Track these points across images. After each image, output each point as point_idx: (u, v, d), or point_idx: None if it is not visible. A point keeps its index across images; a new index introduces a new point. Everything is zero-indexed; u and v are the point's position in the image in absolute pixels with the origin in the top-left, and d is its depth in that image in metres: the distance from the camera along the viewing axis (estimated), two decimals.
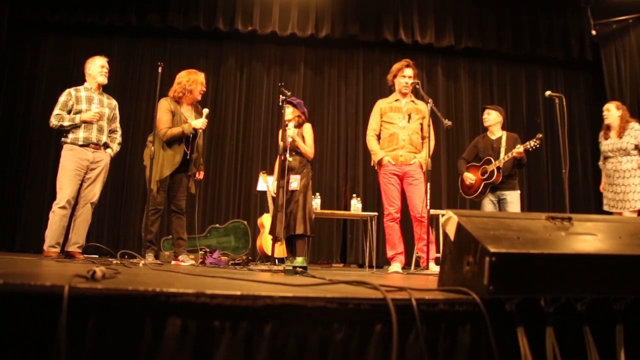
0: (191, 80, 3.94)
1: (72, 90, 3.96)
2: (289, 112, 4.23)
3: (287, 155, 4.04)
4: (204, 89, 4.07)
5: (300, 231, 3.98)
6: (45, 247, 3.74)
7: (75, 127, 3.85)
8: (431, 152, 3.90)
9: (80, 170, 3.84)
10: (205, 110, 3.99)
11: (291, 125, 4.14)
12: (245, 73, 6.71)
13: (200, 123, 3.87)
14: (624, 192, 4.30)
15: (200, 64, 6.57)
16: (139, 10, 6.24)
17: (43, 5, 6.14)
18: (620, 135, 4.36)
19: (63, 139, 3.91)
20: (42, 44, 6.44)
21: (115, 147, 4.11)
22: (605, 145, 4.46)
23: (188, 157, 3.91)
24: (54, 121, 3.87)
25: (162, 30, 6.39)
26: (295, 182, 4.04)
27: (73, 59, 6.42)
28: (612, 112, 4.45)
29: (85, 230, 3.89)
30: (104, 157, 3.97)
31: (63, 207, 3.75)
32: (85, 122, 3.86)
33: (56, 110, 3.88)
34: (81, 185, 3.88)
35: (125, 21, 6.24)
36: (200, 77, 4.02)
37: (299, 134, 4.21)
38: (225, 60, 6.71)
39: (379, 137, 4.07)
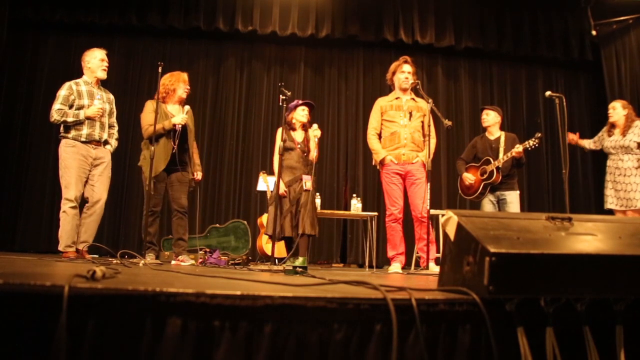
0: (173, 80, 4.06)
1: (72, 83, 3.85)
2: (305, 113, 4.31)
3: (313, 153, 4.15)
4: (188, 87, 4.14)
5: (311, 232, 4.02)
6: (61, 248, 3.66)
7: (79, 123, 3.76)
8: (433, 150, 3.90)
9: (84, 168, 3.76)
10: (186, 107, 4.05)
11: (315, 126, 4.20)
12: (245, 73, 6.71)
13: (179, 119, 3.92)
14: (625, 191, 4.30)
15: (200, 64, 6.59)
16: (139, 10, 6.23)
17: (43, 5, 6.14)
18: (624, 133, 4.35)
19: (63, 134, 3.77)
20: (42, 43, 6.44)
21: (114, 142, 4.04)
22: (608, 141, 4.45)
23: (173, 150, 3.91)
24: (55, 116, 3.71)
25: (162, 30, 6.39)
26: (309, 182, 4.07)
27: (73, 58, 6.40)
28: (618, 110, 4.43)
29: (95, 229, 3.83)
30: (106, 154, 3.92)
31: (74, 207, 3.68)
32: (89, 118, 3.76)
33: (57, 105, 3.74)
34: (86, 183, 3.80)
35: (125, 21, 6.23)
36: (183, 76, 4.11)
37: (307, 137, 4.28)
38: (225, 60, 6.71)
39: (379, 135, 4.05)
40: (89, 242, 3.80)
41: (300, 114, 4.28)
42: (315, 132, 4.16)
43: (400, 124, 3.93)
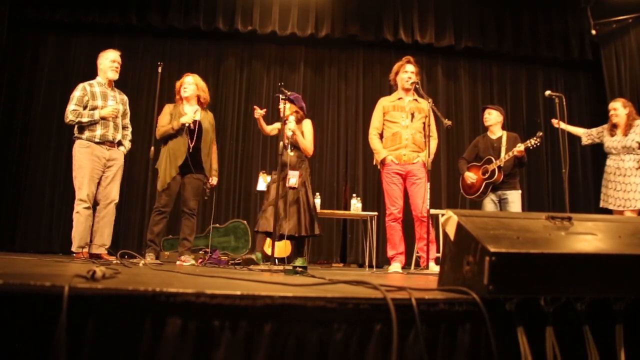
0: (180, 82, 4.17)
1: (86, 85, 3.86)
2: (286, 107, 4.11)
3: (288, 150, 3.96)
4: (185, 86, 4.15)
5: (318, 231, 3.94)
6: (74, 249, 3.68)
7: (93, 123, 3.76)
8: (434, 151, 3.90)
9: (98, 169, 3.77)
10: (195, 107, 4.10)
11: (292, 119, 4.04)
12: (245, 73, 6.71)
13: (187, 118, 3.97)
14: (624, 191, 4.29)
15: (200, 64, 6.58)
16: (139, 10, 6.24)
17: (43, 5, 6.14)
18: (626, 133, 4.35)
19: (77, 135, 3.78)
20: (43, 43, 6.44)
21: (127, 144, 4.04)
22: (610, 141, 4.43)
23: (191, 150, 3.96)
24: (70, 117, 3.72)
25: (162, 30, 6.39)
26: (293, 177, 3.89)
27: (73, 58, 6.42)
28: (620, 110, 4.41)
29: (110, 231, 3.84)
30: (119, 155, 3.93)
31: (87, 207, 3.69)
32: (103, 118, 3.78)
33: (72, 106, 3.74)
34: (99, 184, 3.81)
35: (125, 21, 6.23)
36: (186, 77, 4.19)
37: (299, 130, 4.11)
38: (225, 60, 6.71)
39: (381, 135, 4.04)
40: (107, 245, 3.81)
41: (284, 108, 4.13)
42: (289, 124, 3.98)
43: (402, 125, 3.93)
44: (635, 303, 1.22)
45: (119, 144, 3.94)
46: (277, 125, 4.26)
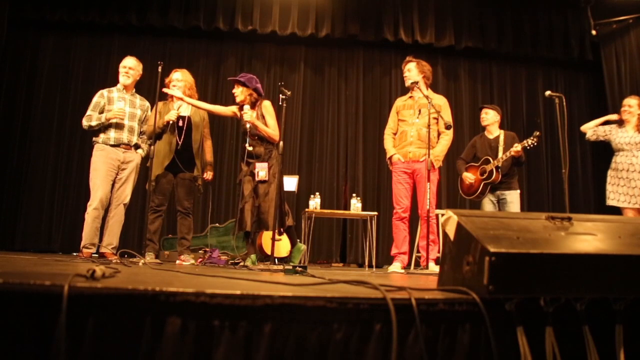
0: (169, 78, 4.14)
1: (104, 91, 4.00)
2: (239, 92, 3.87)
3: (247, 144, 3.75)
4: (174, 84, 4.08)
5: (289, 224, 3.92)
6: (80, 247, 3.79)
7: (107, 127, 3.87)
8: (442, 148, 3.90)
9: (112, 171, 3.86)
10: (178, 103, 4.07)
11: (247, 108, 3.76)
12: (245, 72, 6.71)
13: (170, 115, 3.97)
14: (638, 187, 4.32)
15: (200, 64, 6.58)
16: (139, 10, 6.23)
17: (43, 4, 6.13)
18: (639, 129, 4.39)
19: (94, 139, 3.92)
20: (42, 43, 6.43)
21: (146, 147, 4.08)
22: (621, 138, 4.45)
23: (178, 147, 3.95)
24: (84, 122, 3.90)
25: (162, 29, 6.39)
26: (262, 170, 3.70)
27: (73, 58, 6.42)
28: (634, 108, 4.47)
29: (118, 232, 3.90)
30: (135, 158, 3.99)
31: (96, 209, 3.76)
32: (110, 120, 3.85)
33: (88, 112, 3.91)
34: (113, 186, 3.89)
35: (125, 20, 6.23)
36: (172, 74, 4.13)
37: (258, 115, 3.82)
38: (225, 60, 6.71)
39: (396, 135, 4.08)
40: (113, 244, 3.86)
41: (236, 93, 3.91)
42: (245, 116, 3.75)
43: (409, 122, 3.95)
44: (635, 303, 1.22)
45: (137, 147, 4.02)
46: (232, 108, 4.06)
